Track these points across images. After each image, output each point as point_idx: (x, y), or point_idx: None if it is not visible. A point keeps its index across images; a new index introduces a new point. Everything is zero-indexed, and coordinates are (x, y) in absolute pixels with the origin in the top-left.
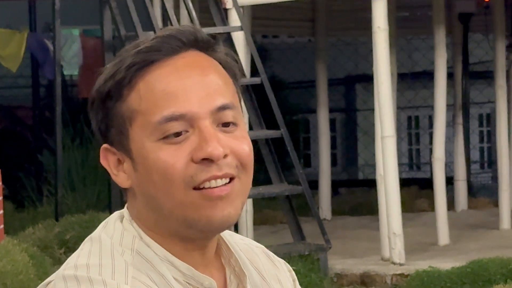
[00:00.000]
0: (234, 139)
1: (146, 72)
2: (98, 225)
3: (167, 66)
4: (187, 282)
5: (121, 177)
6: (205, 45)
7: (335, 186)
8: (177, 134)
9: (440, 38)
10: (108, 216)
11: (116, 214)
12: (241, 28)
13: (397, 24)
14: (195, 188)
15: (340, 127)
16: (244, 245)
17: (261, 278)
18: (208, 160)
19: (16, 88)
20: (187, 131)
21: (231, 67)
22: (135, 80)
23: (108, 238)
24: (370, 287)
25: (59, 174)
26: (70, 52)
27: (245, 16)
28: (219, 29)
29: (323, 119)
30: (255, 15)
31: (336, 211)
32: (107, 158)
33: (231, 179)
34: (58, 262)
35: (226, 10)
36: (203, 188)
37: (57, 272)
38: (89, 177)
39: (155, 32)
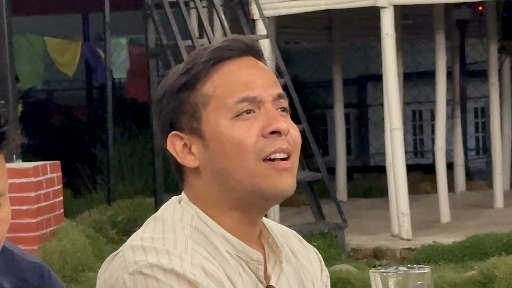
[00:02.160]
0: (288, 121)
1: (220, 66)
2: (145, 209)
3: (237, 64)
4: (237, 256)
5: (188, 159)
6: (259, 54)
7: (350, 172)
8: (248, 111)
9: (440, 42)
10: (153, 201)
11: (174, 198)
12: (267, 36)
13: (402, 30)
14: (264, 160)
15: (353, 120)
16: (279, 229)
17: (294, 257)
18: (276, 134)
19: (72, 90)
20: (254, 111)
21: (274, 72)
22: (209, 73)
23: (169, 216)
24: (382, 260)
25: (111, 164)
26: (118, 58)
27: (270, 26)
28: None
29: (338, 113)
30: (278, 24)
31: (351, 194)
32: (174, 144)
33: (289, 156)
34: (111, 241)
35: (253, 20)
36: (271, 160)
37: (124, 244)
38: (137, 167)
39: (192, 41)
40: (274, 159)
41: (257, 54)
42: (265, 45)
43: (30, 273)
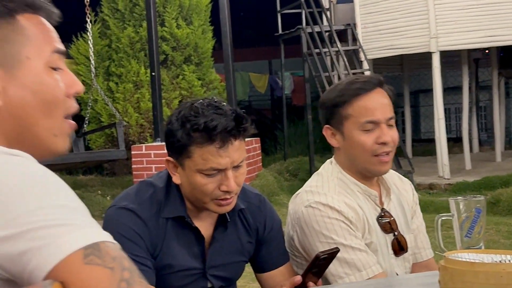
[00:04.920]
0: (392, 131)
1: (357, 97)
2: (303, 163)
3: (367, 96)
4: (364, 193)
5: (333, 141)
6: (382, 85)
7: (412, 142)
8: (369, 129)
9: (465, 70)
10: (307, 158)
11: (328, 161)
12: (369, 70)
13: (442, 63)
14: (374, 156)
15: (412, 114)
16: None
17: (396, 188)
18: (383, 143)
19: (263, 101)
20: (374, 128)
21: (391, 95)
22: (351, 100)
23: (325, 172)
24: (434, 190)
25: (285, 139)
26: (287, 83)
27: (370, 64)
28: (358, 71)
29: (406, 110)
30: (373, 63)
31: (414, 153)
32: (327, 132)
33: (388, 153)
34: (286, 180)
35: (361, 61)
36: (378, 155)
37: (300, 189)
38: (298, 141)
39: (328, 72)
40: (379, 155)
41: (381, 86)
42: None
43: (253, 198)
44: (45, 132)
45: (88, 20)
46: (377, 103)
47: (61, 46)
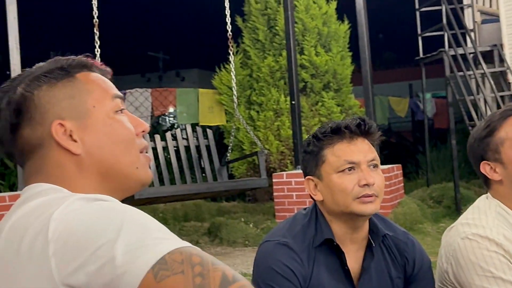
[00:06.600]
0: None
1: (507, 120)
2: (448, 189)
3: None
4: None
5: (494, 176)
6: None
7: None
8: None
9: None
10: (452, 184)
11: (483, 196)
12: None
13: None
14: None
15: None
16: None
17: None
18: None
19: (404, 123)
20: None
21: None
22: (501, 124)
23: (482, 206)
24: None
25: (428, 164)
26: (429, 106)
27: None
28: (506, 93)
29: None
30: None
31: None
32: (485, 168)
33: None
34: (430, 207)
35: (509, 83)
36: None
37: (455, 222)
38: (442, 166)
39: (473, 95)
40: None
41: None
42: None
43: (400, 234)
44: (127, 168)
45: (231, 52)
46: None
47: (118, 92)
